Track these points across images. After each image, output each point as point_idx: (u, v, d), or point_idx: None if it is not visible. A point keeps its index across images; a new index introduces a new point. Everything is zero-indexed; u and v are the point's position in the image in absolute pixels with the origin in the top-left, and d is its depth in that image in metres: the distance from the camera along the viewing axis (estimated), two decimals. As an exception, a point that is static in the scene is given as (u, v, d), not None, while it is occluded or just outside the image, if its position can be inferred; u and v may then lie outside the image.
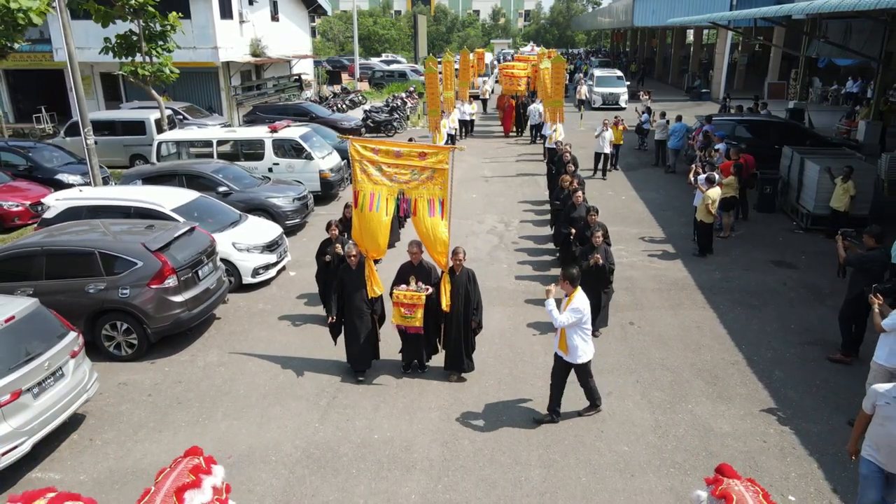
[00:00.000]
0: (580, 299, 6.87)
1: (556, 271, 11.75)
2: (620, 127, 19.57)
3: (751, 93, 32.45)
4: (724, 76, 35.94)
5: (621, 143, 19.87)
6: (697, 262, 12.18)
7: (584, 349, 6.98)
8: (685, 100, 35.41)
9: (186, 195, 11.82)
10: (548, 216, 14.39)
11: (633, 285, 11.16)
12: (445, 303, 7.91)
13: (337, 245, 8.96)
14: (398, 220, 13.46)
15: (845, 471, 6.42)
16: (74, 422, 7.49)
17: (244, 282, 11.21)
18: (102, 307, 8.72)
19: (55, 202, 11.56)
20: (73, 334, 7.25)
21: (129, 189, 12.55)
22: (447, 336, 8.14)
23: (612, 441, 7.01)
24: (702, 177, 12.38)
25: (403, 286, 8.05)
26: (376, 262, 8.50)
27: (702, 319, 9.86)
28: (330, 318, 8.35)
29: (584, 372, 7.19)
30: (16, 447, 6.27)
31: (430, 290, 8.00)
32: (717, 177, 12.21)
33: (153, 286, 8.73)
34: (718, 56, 36.82)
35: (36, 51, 27.79)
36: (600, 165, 18.97)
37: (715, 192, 11.89)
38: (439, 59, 21.67)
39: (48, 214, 11.39)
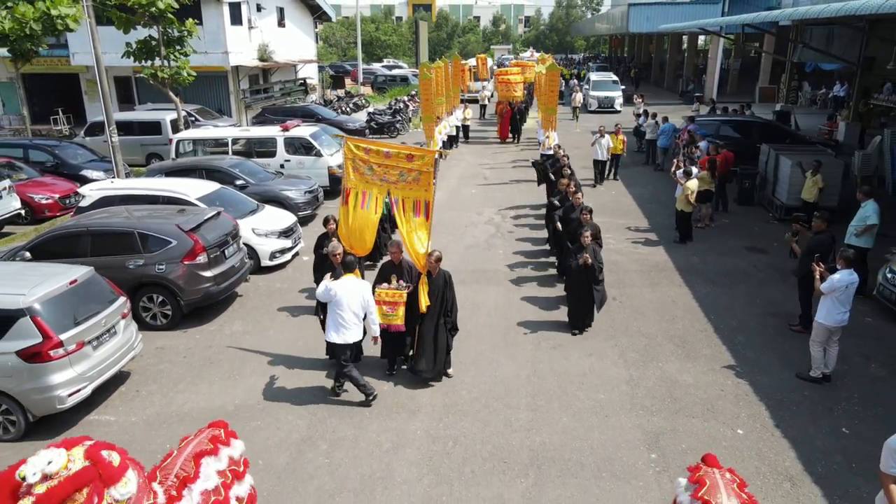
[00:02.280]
0: (339, 282, 7.48)
1: (545, 259, 12.86)
2: (620, 136, 18.90)
3: (743, 97, 33.70)
4: (717, 81, 37.14)
5: (621, 153, 19.14)
6: (677, 248, 13.27)
7: (330, 331, 7.55)
8: (679, 103, 36.49)
9: (209, 186, 12.91)
10: (542, 211, 15.40)
11: (618, 268, 12.22)
12: (424, 303, 8.07)
13: (333, 239, 9.30)
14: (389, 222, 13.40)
15: (787, 411, 7.51)
16: (121, 378, 8.55)
17: (262, 264, 12.27)
18: (141, 281, 9.80)
19: (90, 192, 12.66)
20: (122, 298, 8.34)
21: (156, 180, 13.62)
22: (421, 337, 8.23)
23: (591, 391, 8.08)
24: (680, 171, 13.49)
25: (385, 284, 8.29)
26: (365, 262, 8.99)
27: (677, 295, 10.94)
28: (319, 316, 8.63)
29: (335, 355, 7.79)
30: (79, 390, 7.34)
31: (411, 286, 8.26)
32: (694, 170, 13.32)
33: (186, 262, 9.82)
34: (711, 61, 38.03)
35: (53, 55, 28.90)
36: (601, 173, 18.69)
37: (693, 184, 12.99)
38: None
39: (83, 203, 12.48)
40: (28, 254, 9.76)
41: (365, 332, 7.99)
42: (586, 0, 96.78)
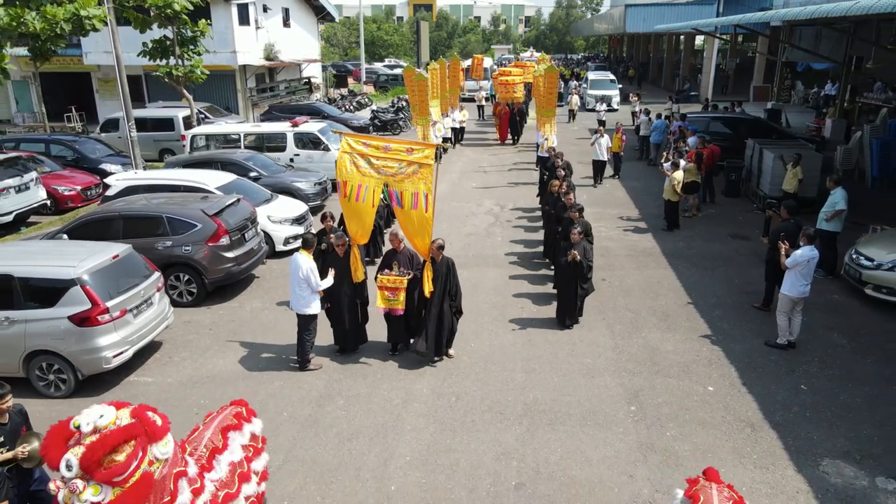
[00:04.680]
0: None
1: (541, 247, 13.73)
2: (618, 133, 19.17)
3: (740, 96, 34.54)
4: (712, 80, 37.98)
5: (621, 152, 19.48)
6: (665, 235, 14.16)
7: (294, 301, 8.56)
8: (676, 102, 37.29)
9: (226, 177, 13.79)
10: (537, 203, 16.20)
11: (608, 253, 13.10)
12: (428, 289, 8.57)
13: (331, 235, 9.78)
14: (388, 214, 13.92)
15: (754, 372, 8.40)
16: (154, 346, 9.43)
17: (277, 249, 13.14)
18: (169, 261, 10.67)
19: (115, 182, 13.55)
20: (157, 273, 9.23)
21: (177, 171, 14.50)
22: (427, 320, 8.67)
23: (580, 356, 8.97)
24: (668, 163, 14.39)
25: (387, 271, 8.81)
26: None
27: (662, 277, 11.82)
28: (325, 305, 8.96)
29: (303, 322, 8.62)
30: (123, 352, 8.23)
31: (412, 274, 8.78)
32: (682, 163, 14.21)
33: (210, 244, 10.71)
34: (706, 61, 38.89)
35: (66, 55, 29.74)
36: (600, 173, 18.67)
37: (679, 175, 13.88)
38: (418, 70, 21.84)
39: (110, 192, 13.36)
40: (65, 236, 10.65)
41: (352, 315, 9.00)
42: (586, 0, 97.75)
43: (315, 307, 8.66)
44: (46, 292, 7.99)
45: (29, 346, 7.98)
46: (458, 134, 26.61)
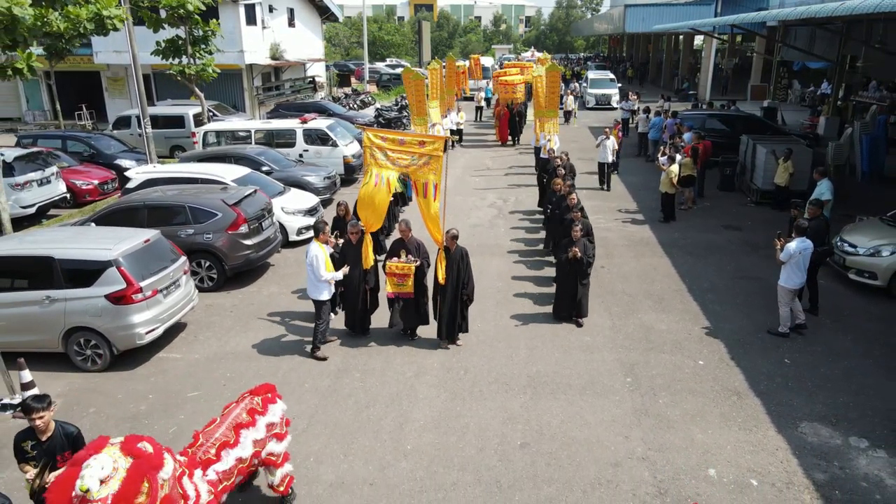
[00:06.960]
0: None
1: (541, 244, 14.33)
2: (616, 130, 19.60)
3: (738, 95, 35.15)
4: (710, 79, 38.61)
5: (620, 149, 19.78)
6: (661, 226, 14.77)
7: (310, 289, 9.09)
8: (673, 101, 37.88)
9: (241, 170, 14.39)
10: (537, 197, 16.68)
11: (607, 243, 13.71)
12: (441, 276, 9.07)
13: (352, 219, 10.19)
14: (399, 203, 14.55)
15: (742, 348, 9.02)
16: (180, 327, 10.04)
17: (290, 239, 13.76)
18: (191, 248, 11.24)
19: (136, 175, 14.15)
20: (183, 257, 9.85)
21: (194, 165, 15.10)
22: (441, 307, 9.18)
23: (580, 335, 9.58)
24: (664, 157, 15.01)
25: (395, 259, 9.27)
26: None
27: (658, 264, 12.43)
28: (339, 289, 9.54)
29: (316, 308, 9.12)
30: (154, 329, 8.85)
31: (419, 261, 9.21)
32: (677, 156, 14.83)
33: (230, 232, 11.32)
34: (705, 60, 39.50)
35: (77, 54, 30.33)
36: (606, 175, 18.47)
37: (675, 168, 14.49)
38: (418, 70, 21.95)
39: (130, 185, 13.96)
40: (94, 224, 11.26)
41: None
42: (586, 0, 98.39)
43: (326, 294, 9.15)
44: (85, 273, 8.60)
45: (68, 322, 8.59)
46: (457, 136, 26.02)
